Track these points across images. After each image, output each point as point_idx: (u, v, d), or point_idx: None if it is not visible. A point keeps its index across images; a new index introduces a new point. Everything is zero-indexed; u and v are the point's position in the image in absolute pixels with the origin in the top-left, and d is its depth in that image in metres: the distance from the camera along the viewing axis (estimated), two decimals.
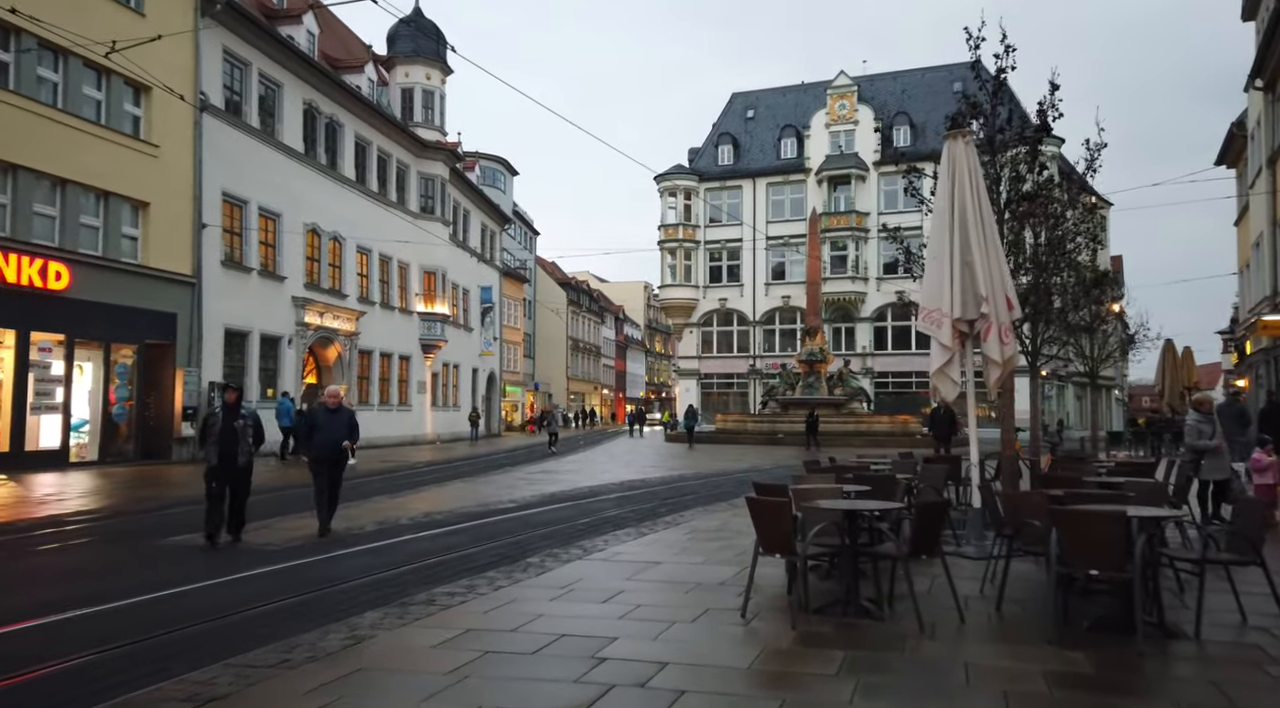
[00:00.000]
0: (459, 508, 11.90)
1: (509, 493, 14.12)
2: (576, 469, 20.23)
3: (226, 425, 8.92)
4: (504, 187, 61.52)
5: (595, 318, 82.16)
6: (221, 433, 8.88)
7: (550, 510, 11.77)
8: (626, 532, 9.44)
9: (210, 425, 9.05)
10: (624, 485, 15.68)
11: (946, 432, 18.93)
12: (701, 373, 51.67)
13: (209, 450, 8.93)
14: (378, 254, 30.98)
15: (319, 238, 27.20)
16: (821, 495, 6.13)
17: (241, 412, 9.14)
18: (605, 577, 6.95)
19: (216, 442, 8.86)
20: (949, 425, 18.89)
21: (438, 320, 34.73)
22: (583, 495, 13.74)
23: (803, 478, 7.59)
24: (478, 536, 9.43)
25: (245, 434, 8.98)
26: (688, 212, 51.71)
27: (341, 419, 9.68)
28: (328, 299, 27.41)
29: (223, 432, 8.89)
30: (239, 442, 8.89)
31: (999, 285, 8.26)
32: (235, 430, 8.92)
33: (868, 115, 49.08)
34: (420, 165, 34.11)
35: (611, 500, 13.09)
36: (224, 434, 8.88)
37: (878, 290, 47.89)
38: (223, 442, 8.85)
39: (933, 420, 19.73)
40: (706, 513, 11.20)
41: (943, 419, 19.01)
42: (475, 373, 42.05)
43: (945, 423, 18.92)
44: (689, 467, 21.24)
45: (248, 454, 9.00)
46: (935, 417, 19.50)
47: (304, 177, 26.38)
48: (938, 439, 19.07)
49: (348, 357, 28.66)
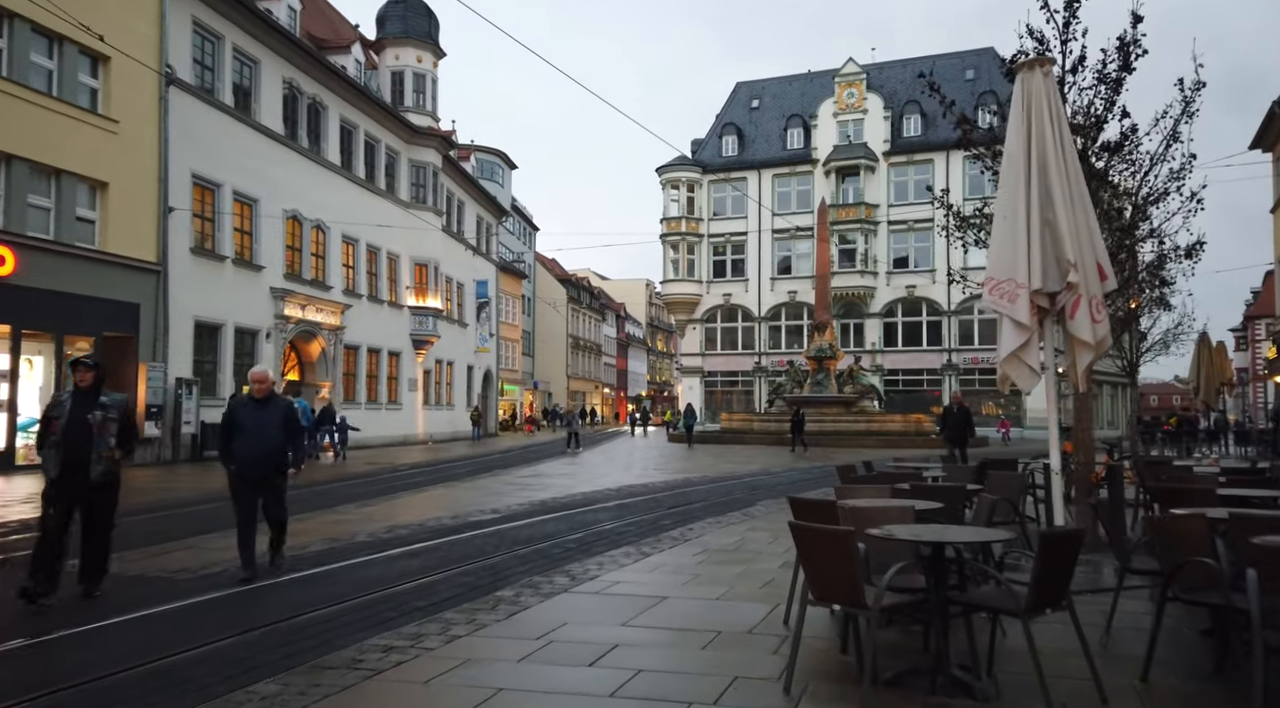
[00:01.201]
0: (432, 520, 10.29)
1: (494, 501, 12.52)
2: (572, 472, 18.62)
3: (76, 420, 5.98)
4: (502, 180, 59.95)
5: (596, 315, 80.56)
6: (67, 430, 5.95)
7: (538, 523, 10.16)
8: (625, 552, 7.84)
9: (53, 419, 6.06)
10: (623, 491, 14.08)
11: (962, 432, 16.46)
12: (705, 371, 50.04)
13: (46, 457, 6.04)
14: (365, 244, 29.38)
15: (300, 226, 25.60)
16: (886, 518, 4.51)
17: (102, 399, 6.16)
18: (596, 620, 5.35)
19: (59, 444, 5.94)
20: (964, 425, 16.49)
21: (430, 315, 33.14)
22: (577, 504, 12.13)
23: (849, 491, 5.96)
24: (446, 557, 7.82)
25: (106, 432, 6.06)
26: (691, 204, 50.10)
27: (272, 416, 6.99)
28: (310, 291, 25.81)
29: (69, 428, 5.95)
30: (93, 444, 5.98)
31: (1089, 249, 6.61)
32: (88, 427, 5.98)
33: (877, 104, 47.44)
34: (411, 152, 32.52)
35: (609, 510, 11.47)
36: (71, 432, 5.95)
37: (887, 285, 46.28)
38: (68, 444, 5.93)
39: (945, 419, 17.21)
40: (718, 527, 9.59)
41: (957, 418, 16.58)
42: (470, 370, 40.45)
43: (960, 422, 16.49)
44: (694, 469, 19.63)
45: (108, 462, 6.08)
46: (948, 415, 17.03)
47: (284, 160, 24.78)
48: (951, 441, 16.59)
49: (332, 352, 27.06)
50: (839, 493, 5.95)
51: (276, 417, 7.11)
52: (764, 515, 10.69)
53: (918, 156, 46.21)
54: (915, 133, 46.77)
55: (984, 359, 44.47)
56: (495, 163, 59.77)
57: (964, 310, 45.05)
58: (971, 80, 47.46)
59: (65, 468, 5.92)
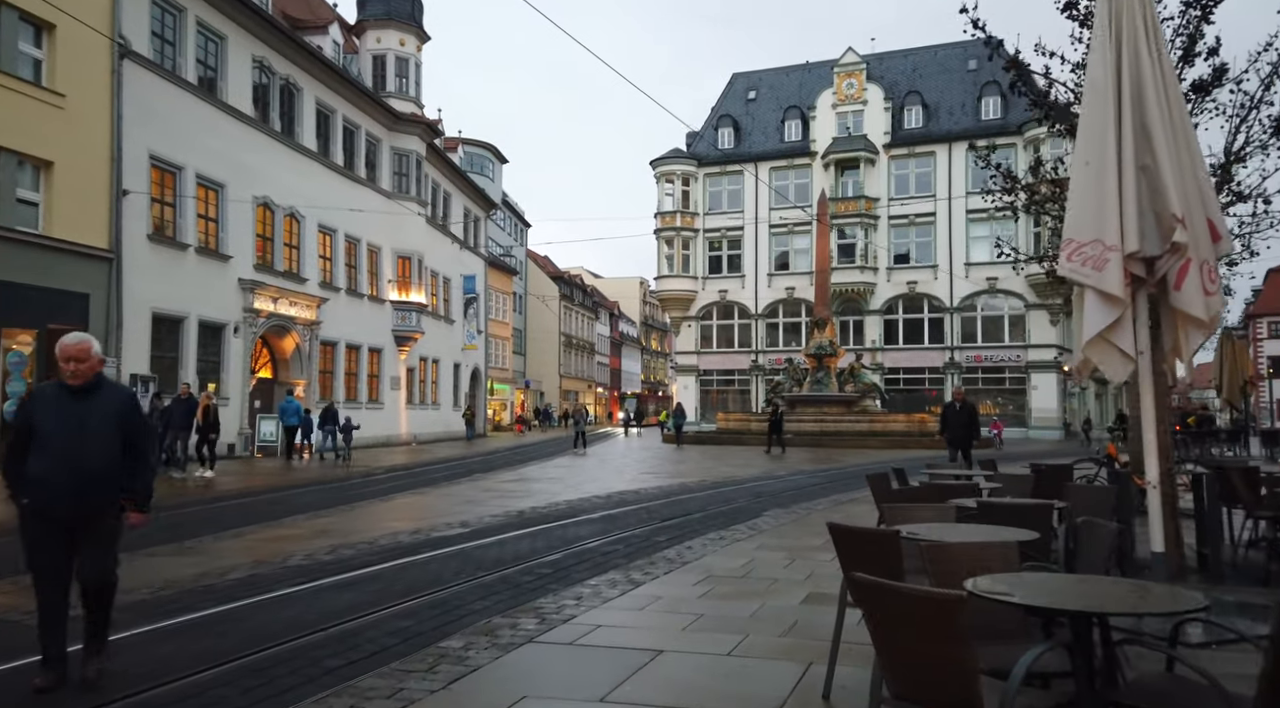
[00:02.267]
0: (387, 537, 8.86)
1: (467, 511, 11.08)
2: (559, 477, 17.19)
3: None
4: (492, 175, 58.46)
5: (589, 314, 79.12)
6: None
7: (511, 540, 8.74)
8: (610, 580, 6.42)
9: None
10: (613, 499, 12.66)
11: (965, 433, 13.78)
12: (700, 369, 48.65)
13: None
14: (343, 235, 27.89)
15: (272, 214, 24.11)
16: (982, 560, 3.09)
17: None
18: (565, 689, 3.94)
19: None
20: (968, 425, 13.83)
21: (413, 310, 31.66)
22: (559, 515, 10.70)
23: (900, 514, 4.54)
24: (387, 590, 6.38)
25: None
26: (685, 198, 48.70)
27: (99, 414, 4.19)
28: (283, 283, 24.32)
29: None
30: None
31: (1198, 201, 5.14)
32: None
33: (877, 95, 46.09)
34: (393, 139, 31.04)
35: (595, 523, 10.05)
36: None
37: (888, 281, 44.94)
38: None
39: (946, 418, 14.25)
40: (721, 545, 8.19)
41: (960, 417, 13.82)
42: (458, 368, 38.98)
43: (963, 421, 13.78)
44: (690, 473, 18.23)
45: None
46: (949, 413, 14.18)
47: (254, 144, 23.29)
48: (953, 443, 13.90)
49: (307, 348, 25.57)
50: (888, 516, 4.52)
51: (106, 416, 4.22)
52: (773, 529, 9.29)
53: (919, 149, 44.88)
54: (916, 124, 45.45)
55: (987, 358, 43.21)
56: (485, 157, 58.28)
57: (967, 307, 43.75)
58: (974, 71, 46.17)
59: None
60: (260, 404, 24.25)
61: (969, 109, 45.02)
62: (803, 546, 8.10)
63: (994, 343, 43.49)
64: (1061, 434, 41.35)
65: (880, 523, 4.80)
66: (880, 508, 4.81)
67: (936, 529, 3.77)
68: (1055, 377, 41.87)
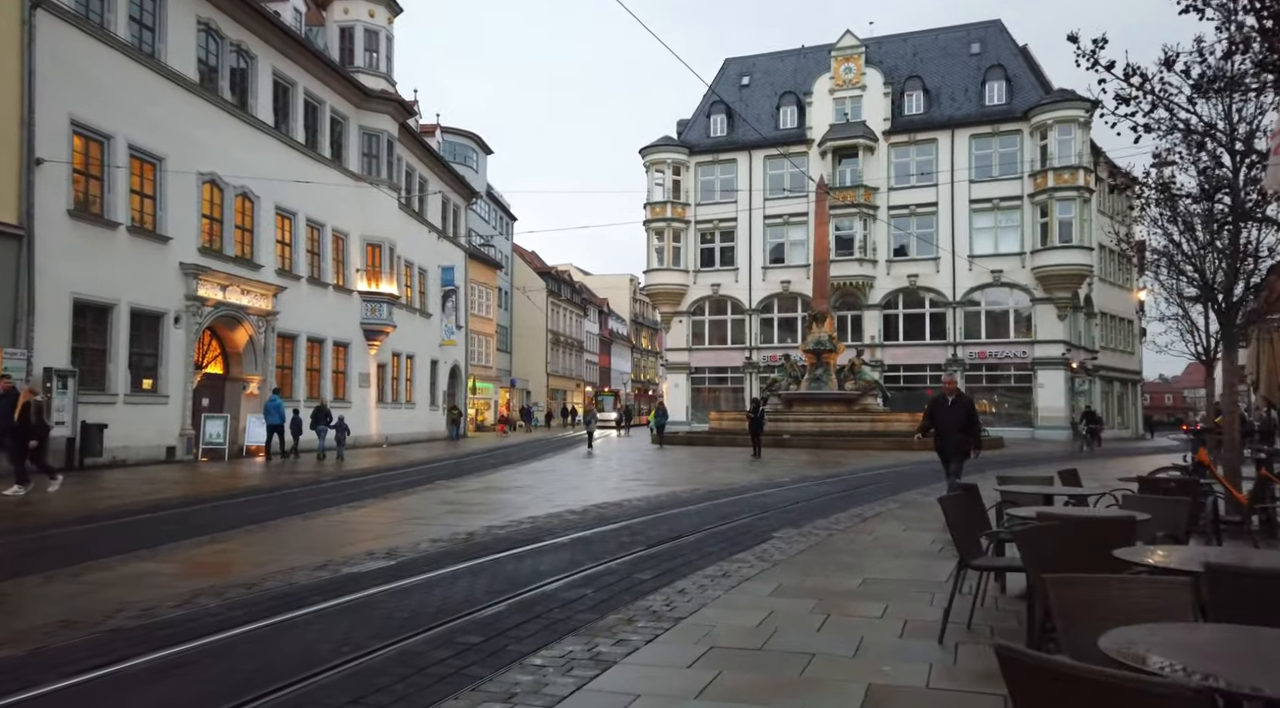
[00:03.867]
0: (280, 575, 6.68)
1: (404, 533, 8.95)
2: (531, 485, 15.07)
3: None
4: (476, 165, 56.33)
5: (578, 310, 76.95)
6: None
7: (442, 580, 6.60)
8: (565, 655, 4.32)
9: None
10: (588, 516, 10.54)
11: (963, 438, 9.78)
12: (692, 367, 46.57)
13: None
14: (304, 218, 25.65)
15: (221, 192, 21.88)
16: None
17: None
18: None
19: None
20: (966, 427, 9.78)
21: (383, 301, 29.44)
22: (518, 538, 8.57)
23: (1086, 593, 2.42)
24: (232, 674, 4.23)
25: None
26: (676, 188, 46.60)
27: None
28: (234, 269, 22.09)
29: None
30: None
31: None
32: None
33: (876, 79, 44.10)
34: (362, 118, 28.81)
35: (561, 550, 7.93)
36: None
37: (887, 274, 42.96)
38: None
39: (933, 416, 10.11)
40: (724, 586, 6.11)
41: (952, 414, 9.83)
42: (435, 365, 36.76)
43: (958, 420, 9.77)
44: (680, 480, 16.14)
45: None
46: (938, 409, 10.07)
47: (199, 114, 21.05)
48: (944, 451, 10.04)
49: (262, 340, 23.33)
50: (1065, 604, 2.42)
51: None
52: (788, 560, 7.22)
53: (920, 136, 42.92)
54: (917, 110, 43.50)
55: (991, 354, 41.28)
56: (468, 147, 56.12)
57: (970, 301, 41.82)
58: (977, 54, 44.27)
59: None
60: (209, 402, 22.05)
61: (972, 94, 43.09)
62: (834, 589, 6.03)
63: (999, 339, 41.57)
64: (1069, 435, 39.44)
65: (1040, 612, 2.69)
66: (1044, 588, 2.67)
67: (1207, 650, 1.68)
68: (1063, 374, 39.97)
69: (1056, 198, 39.22)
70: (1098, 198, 42.50)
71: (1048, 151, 39.55)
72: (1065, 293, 39.97)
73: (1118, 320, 49.23)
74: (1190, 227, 10.41)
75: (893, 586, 6.19)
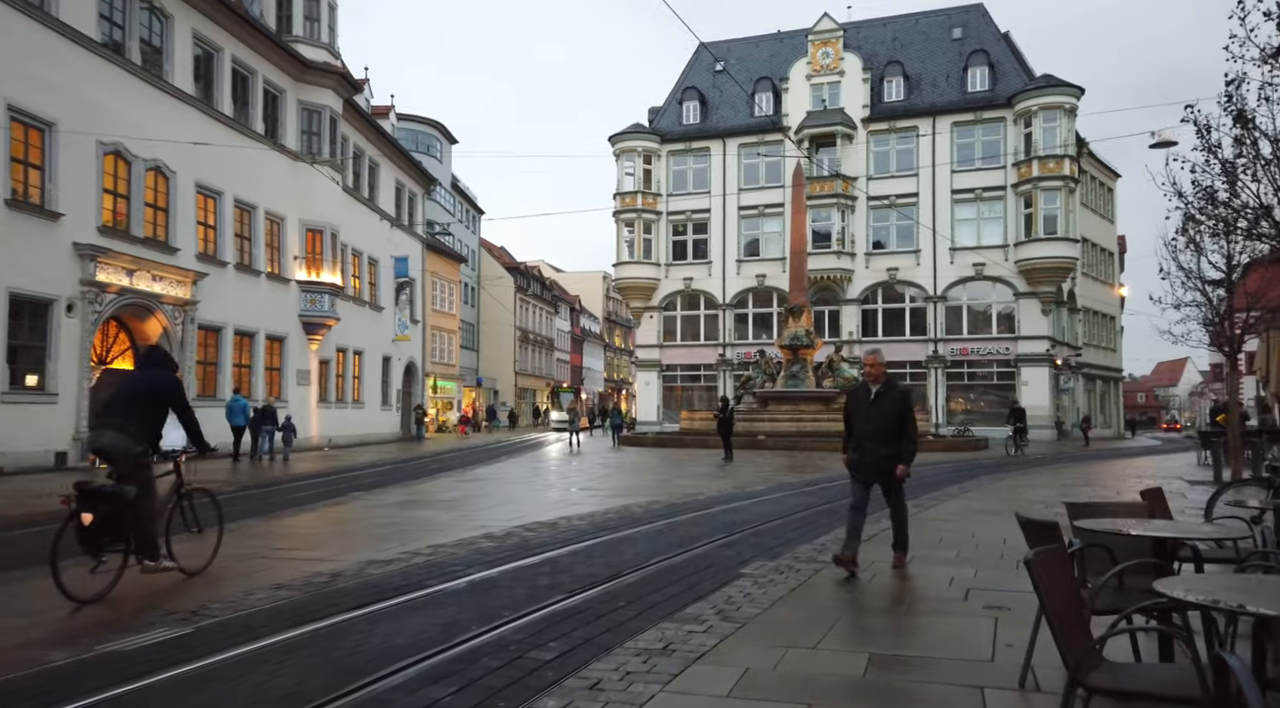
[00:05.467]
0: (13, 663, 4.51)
1: (248, 577, 6.74)
2: (463, 497, 12.91)
3: None
4: (440, 155, 53.95)
5: (548, 308, 74.65)
6: None
7: (251, 659, 4.46)
8: None
9: None
10: (509, 542, 8.40)
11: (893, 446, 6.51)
12: (663, 365, 44.52)
13: None
14: (232, 198, 23.26)
15: (127, 165, 19.47)
16: None
17: None
18: None
19: None
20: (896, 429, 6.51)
21: (325, 292, 27.07)
22: (398, 583, 6.35)
23: None
24: None
25: None
26: (647, 178, 44.53)
27: None
28: (143, 252, 19.70)
29: None
30: None
31: None
32: None
33: (855, 65, 42.32)
34: (301, 92, 26.43)
35: (444, 605, 5.76)
36: None
37: (866, 268, 41.18)
38: None
39: (851, 415, 6.85)
40: (666, 669, 4.02)
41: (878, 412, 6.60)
42: (387, 362, 34.40)
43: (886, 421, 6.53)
44: (639, 489, 14.07)
45: None
46: (857, 406, 6.79)
47: (101, 76, 18.65)
48: (860, 471, 6.68)
49: (179, 333, 20.93)
50: None
51: None
52: (759, 618, 5.15)
53: (900, 123, 41.19)
54: (898, 97, 41.78)
55: (973, 350, 39.64)
56: (431, 135, 53.69)
57: (951, 296, 40.15)
58: (959, 39, 42.63)
59: None
60: None
61: (954, 80, 41.43)
62: (829, 676, 3.97)
63: (981, 335, 39.94)
64: (1054, 434, 37.89)
65: None
66: None
67: None
68: (1047, 371, 38.41)
69: (1041, 188, 37.64)
70: (1081, 190, 41.06)
71: (1032, 139, 37.96)
72: (1049, 287, 38.42)
73: (1100, 316, 47.92)
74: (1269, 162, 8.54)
75: (919, 668, 4.15)
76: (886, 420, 6.52)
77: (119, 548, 5.86)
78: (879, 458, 6.53)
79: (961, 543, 8.05)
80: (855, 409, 6.81)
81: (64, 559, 5.55)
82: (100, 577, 5.73)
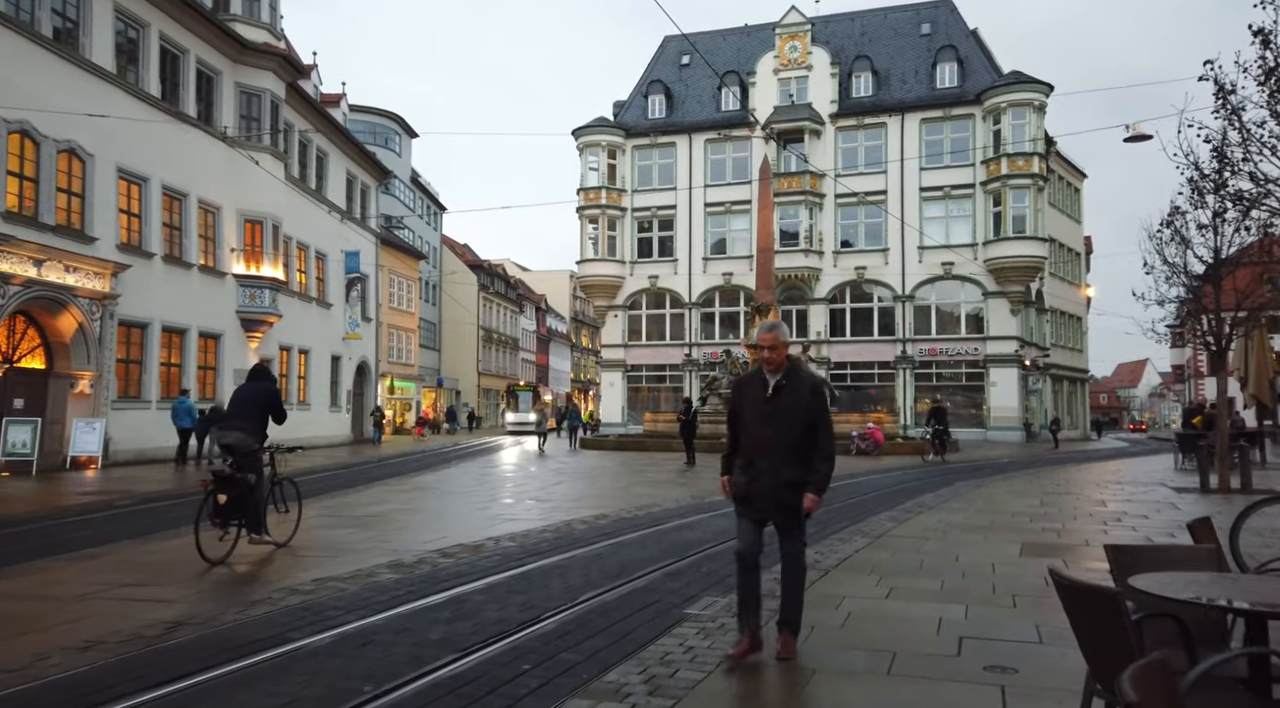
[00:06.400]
0: None
1: (60, 632, 5.44)
2: (389, 512, 11.60)
3: None
4: (399, 149, 52.33)
5: (513, 307, 73.14)
6: None
7: None
8: None
9: None
10: (415, 575, 7.13)
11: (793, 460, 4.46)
12: (628, 365, 43.34)
13: None
14: (159, 185, 21.64)
15: (35, 146, 17.83)
16: None
17: None
18: None
19: None
20: (807, 441, 4.44)
21: (265, 287, 25.46)
22: (267, 633, 5.12)
23: None
24: None
25: None
26: (612, 173, 43.33)
27: None
28: (53, 240, 18.06)
29: None
30: None
31: None
32: None
33: (823, 59, 41.49)
34: (239, 74, 24.81)
35: (306, 668, 4.54)
36: None
37: (834, 266, 40.34)
38: None
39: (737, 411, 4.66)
40: None
41: (773, 408, 4.50)
42: (337, 362, 32.79)
43: (787, 420, 4.46)
44: (591, 498, 12.86)
45: None
46: (747, 396, 4.59)
47: (5, 46, 17.01)
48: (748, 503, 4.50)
49: (96, 330, 19.30)
50: None
51: None
52: (704, 678, 3.97)
53: (868, 119, 40.43)
54: (866, 93, 41.02)
55: (942, 351, 38.96)
56: (390, 128, 52.05)
57: (920, 296, 39.45)
58: (928, 35, 42.00)
59: None
60: (24, 403, 18.01)
61: (922, 76, 40.77)
62: None
63: (950, 335, 39.28)
64: (1023, 436, 37.34)
65: None
66: None
67: None
68: (1016, 372, 37.83)
69: (1010, 186, 37.05)
70: (1050, 190, 40.62)
71: (1001, 137, 37.36)
72: (1018, 286, 37.87)
73: (1067, 317, 47.63)
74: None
75: None
76: (791, 425, 4.36)
77: (237, 522, 7.51)
78: (778, 484, 4.35)
79: (944, 570, 6.95)
80: (744, 409, 4.56)
81: None
82: (223, 544, 7.41)
